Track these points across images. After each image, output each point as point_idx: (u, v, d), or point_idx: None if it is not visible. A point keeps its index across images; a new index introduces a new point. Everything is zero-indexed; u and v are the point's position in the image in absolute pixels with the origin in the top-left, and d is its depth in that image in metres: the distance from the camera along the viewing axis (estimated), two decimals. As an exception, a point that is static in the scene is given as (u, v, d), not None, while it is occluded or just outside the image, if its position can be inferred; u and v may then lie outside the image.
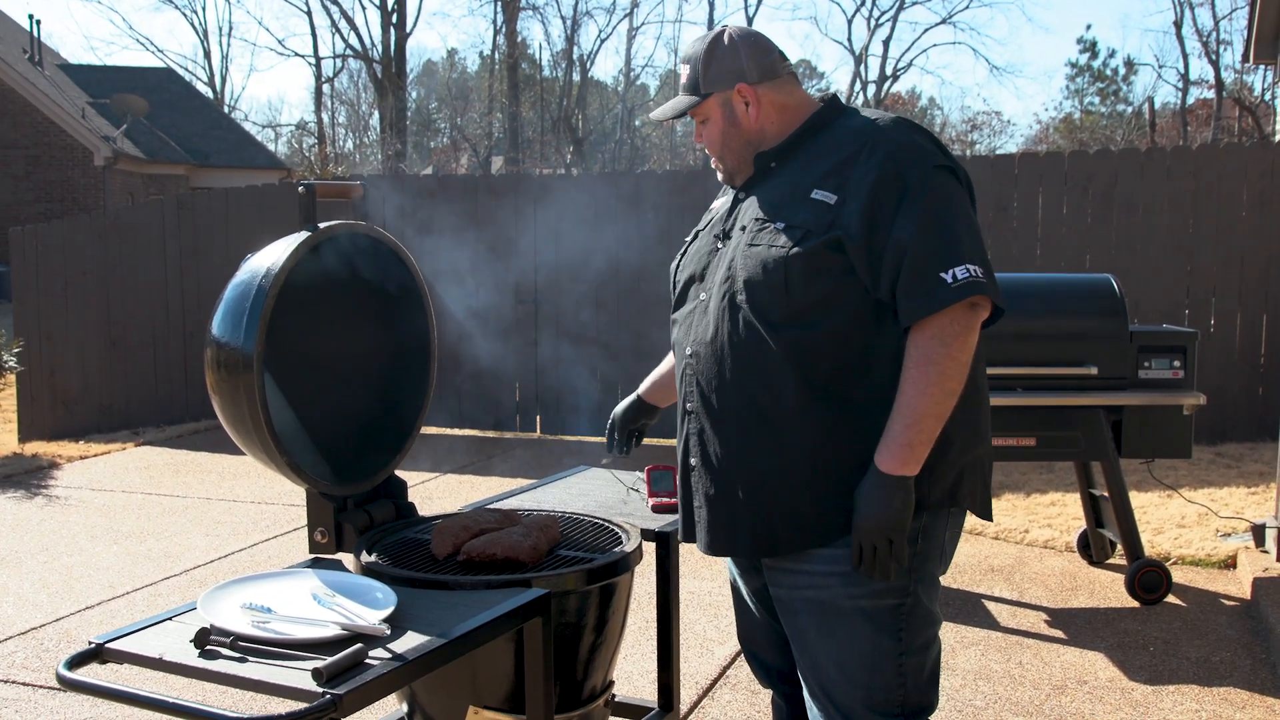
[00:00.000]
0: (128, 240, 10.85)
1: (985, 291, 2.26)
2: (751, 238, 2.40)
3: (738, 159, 2.55)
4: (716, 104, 2.52)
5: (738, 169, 2.57)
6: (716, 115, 2.53)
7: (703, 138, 2.58)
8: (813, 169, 2.40)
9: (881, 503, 2.26)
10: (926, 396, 2.25)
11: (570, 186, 10.54)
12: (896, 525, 2.27)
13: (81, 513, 7.42)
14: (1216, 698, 4.23)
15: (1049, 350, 5.25)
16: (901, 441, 2.26)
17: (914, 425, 2.25)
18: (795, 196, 2.38)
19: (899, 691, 2.42)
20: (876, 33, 39.81)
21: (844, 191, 2.32)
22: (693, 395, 2.50)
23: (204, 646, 2.11)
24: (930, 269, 2.24)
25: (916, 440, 2.26)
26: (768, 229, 2.38)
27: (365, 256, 2.98)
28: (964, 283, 2.23)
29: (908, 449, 2.26)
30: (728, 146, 2.54)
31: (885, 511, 2.26)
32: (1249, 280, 8.86)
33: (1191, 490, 7.05)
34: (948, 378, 2.26)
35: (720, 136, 2.54)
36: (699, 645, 4.79)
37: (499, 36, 37.79)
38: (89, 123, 21.56)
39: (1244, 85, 34.51)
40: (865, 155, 2.33)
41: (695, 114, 2.55)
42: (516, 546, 2.63)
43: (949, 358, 2.25)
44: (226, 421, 2.68)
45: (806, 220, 2.33)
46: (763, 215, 2.41)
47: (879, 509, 2.27)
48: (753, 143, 2.52)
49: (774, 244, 2.34)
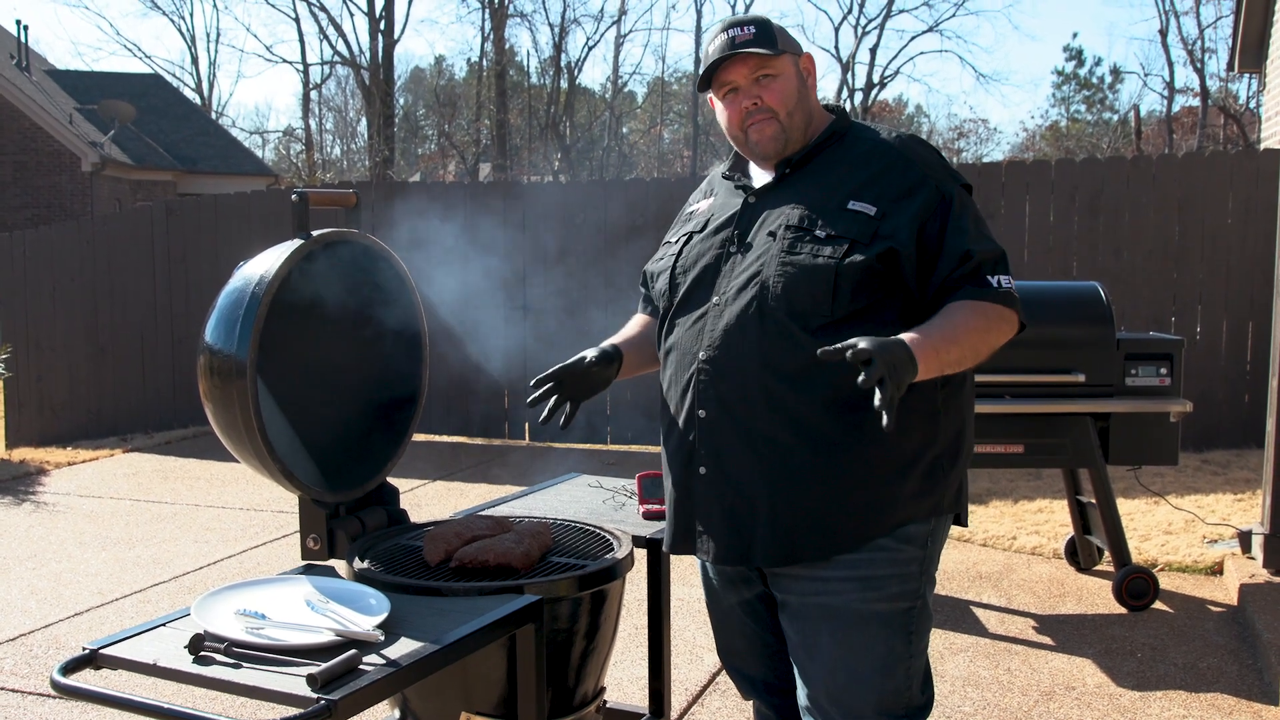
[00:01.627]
0: (115, 246, 10.84)
1: (1018, 307, 2.37)
2: (788, 245, 2.38)
3: (801, 124, 2.50)
4: (791, 63, 2.50)
5: (795, 135, 2.50)
6: (791, 73, 2.50)
7: (762, 96, 2.47)
8: (842, 181, 2.42)
9: (904, 362, 2.13)
10: (969, 339, 2.27)
11: (557, 191, 10.55)
12: (903, 383, 2.13)
13: (70, 519, 7.40)
14: (1203, 703, 4.25)
15: (1036, 358, 5.27)
16: (940, 351, 2.20)
17: (953, 348, 2.24)
18: (829, 206, 2.39)
19: (906, 694, 2.44)
20: (863, 41, 39.93)
21: (883, 204, 2.35)
22: (709, 403, 2.43)
23: (198, 652, 2.12)
24: (982, 272, 2.33)
25: (945, 360, 2.23)
26: (806, 237, 2.37)
27: (358, 264, 2.99)
28: (1008, 291, 2.35)
29: (936, 361, 2.20)
30: (800, 106, 2.50)
31: (898, 368, 2.11)
32: (1235, 287, 8.91)
33: (1178, 497, 7.08)
34: (984, 346, 2.31)
35: (796, 94, 2.49)
36: (689, 652, 4.80)
37: (487, 44, 37.86)
38: (76, 128, 21.49)
39: (1229, 93, 34.75)
40: (899, 171, 2.39)
41: (768, 66, 2.47)
42: (509, 553, 2.64)
43: (994, 332, 2.32)
44: (219, 428, 2.69)
45: (849, 231, 2.34)
46: (797, 223, 2.40)
47: (902, 365, 2.12)
48: (809, 114, 2.52)
49: (819, 253, 2.34)
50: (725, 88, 2.52)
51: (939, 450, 2.40)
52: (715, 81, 2.52)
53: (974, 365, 2.35)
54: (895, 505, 2.37)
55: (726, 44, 2.47)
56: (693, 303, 2.53)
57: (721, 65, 2.49)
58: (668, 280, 2.61)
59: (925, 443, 2.38)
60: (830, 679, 2.43)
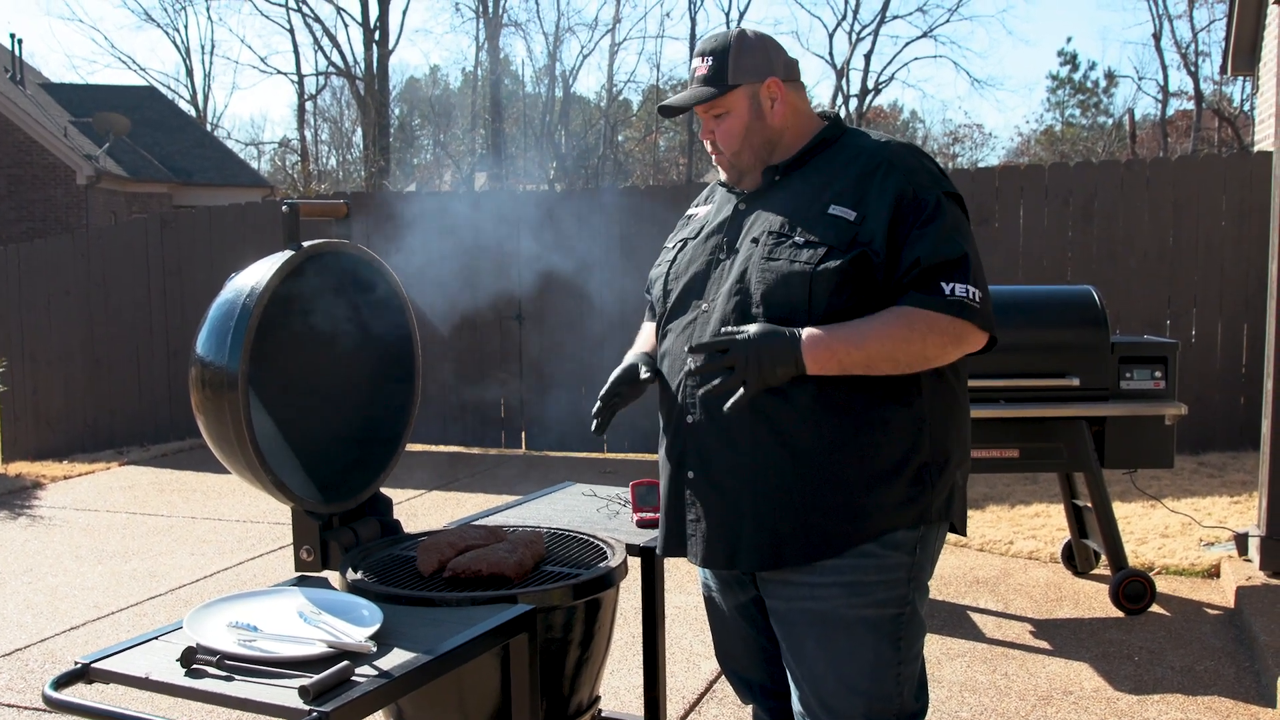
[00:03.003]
0: (110, 259, 10.84)
1: (974, 319, 2.31)
2: (769, 251, 2.39)
3: (755, 157, 2.52)
4: (744, 96, 2.49)
5: (751, 168, 2.53)
6: (742, 108, 2.49)
7: (715, 134, 2.53)
8: (827, 185, 2.42)
9: (775, 351, 2.26)
10: (879, 344, 2.28)
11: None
12: (767, 373, 2.26)
13: (66, 533, 7.39)
14: (1201, 706, 4.25)
15: (1031, 362, 5.27)
16: (837, 351, 2.27)
17: (855, 351, 2.27)
18: (811, 211, 2.40)
19: (896, 700, 2.44)
20: (858, 47, 39.90)
21: (863, 208, 2.35)
22: (694, 407, 2.47)
23: (190, 665, 2.11)
24: (934, 279, 2.30)
25: (845, 362, 2.28)
26: (786, 243, 2.38)
27: (349, 275, 2.99)
28: (958, 300, 2.29)
29: (833, 360, 2.27)
30: (749, 143, 2.51)
31: (771, 358, 2.25)
32: (1230, 290, 8.92)
33: (1175, 500, 7.08)
34: (902, 354, 2.30)
35: (743, 131, 2.50)
36: (685, 660, 4.79)
37: (481, 53, 37.84)
38: (71, 142, 21.50)
39: (1223, 96, 34.81)
40: (882, 175, 2.38)
41: (716, 107, 2.50)
42: (502, 563, 2.64)
43: (918, 341, 2.29)
44: (211, 440, 2.69)
45: (828, 235, 2.34)
46: (778, 229, 2.41)
47: (768, 353, 2.26)
48: (772, 141, 2.51)
49: (796, 258, 2.35)
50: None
51: (925, 459, 2.40)
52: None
53: (902, 371, 2.32)
54: (879, 512, 2.37)
55: (690, 77, 2.55)
56: (684, 308, 2.56)
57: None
58: (662, 286, 2.64)
59: (909, 451, 2.38)
60: (819, 684, 2.44)
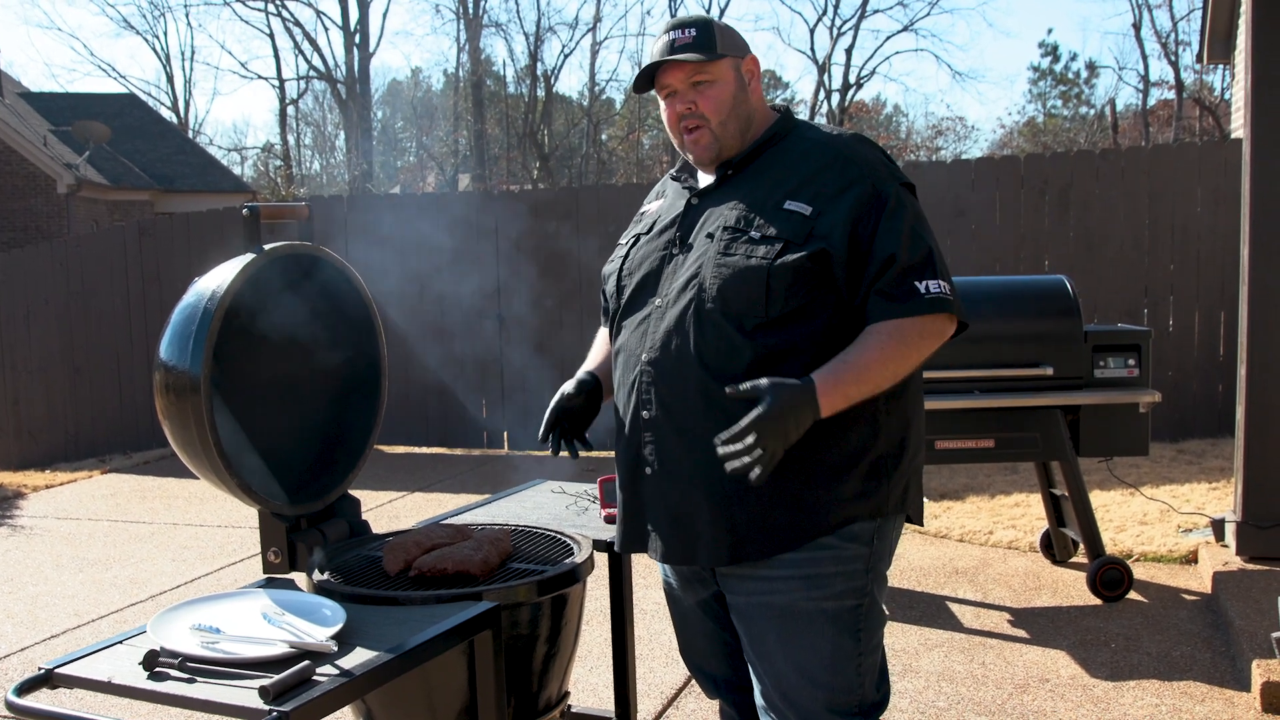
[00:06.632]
0: (89, 267, 10.82)
1: (951, 310, 2.35)
2: (724, 247, 2.39)
3: (736, 132, 2.50)
4: (729, 67, 2.49)
5: (730, 142, 2.50)
6: (729, 78, 2.48)
7: (697, 103, 2.48)
8: (780, 180, 2.42)
9: (796, 413, 2.22)
10: (882, 369, 2.30)
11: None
12: (793, 436, 2.24)
13: (47, 542, 7.37)
14: (1176, 691, 4.28)
15: (1005, 352, 5.30)
16: (845, 389, 2.27)
17: (859, 383, 2.28)
18: (766, 207, 2.39)
19: (858, 691, 2.45)
20: (839, 41, 39.71)
21: (819, 203, 2.35)
22: (649, 404, 2.45)
23: (153, 668, 2.12)
24: (908, 279, 2.31)
25: (853, 395, 2.29)
26: (741, 238, 2.37)
27: (313, 277, 2.99)
28: (935, 296, 2.32)
29: (843, 398, 2.27)
30: (735, 113, 2.49)
31: (795, 422, 2.22)
32: (1206, 278, 8.97)
33: (1153, 487, 7.12)
34: (902, 369, 2.34)
35: (731, 101, 2.48)
36: (665, 655, 4.80)
37: (462, 54, 37.81)
38: (51, 150, 21.42)
39: (1204, 85, 34.91)
40: (838, 169, 2.39)
41: (704, 72, 2.46)
42: (467, 560, 2.65)
43: (914, 351, 2.33)
44: (177, 445, 2.69)
45: (784, 231, 2.34)
46: (734, 224, 2.40)
47: (792, 418, 2.22)
48: (749, 118, 2.51)
49: (752, 254, 2.34)
50: (665, 90, 2.52)
51: (881, 451, 2.41)
52: (656, 83, 2.53)
53: (893, 384, 2.35)
54: (836, 505, 2.37)
55: (666, 47, 2.48)
56: (638, 304, 2.54)
57: (660, 68, 2.49)
58: (615, 282, 2.62)
59: (865, 444, 2.39)
60: (780, 678, 2.44)
